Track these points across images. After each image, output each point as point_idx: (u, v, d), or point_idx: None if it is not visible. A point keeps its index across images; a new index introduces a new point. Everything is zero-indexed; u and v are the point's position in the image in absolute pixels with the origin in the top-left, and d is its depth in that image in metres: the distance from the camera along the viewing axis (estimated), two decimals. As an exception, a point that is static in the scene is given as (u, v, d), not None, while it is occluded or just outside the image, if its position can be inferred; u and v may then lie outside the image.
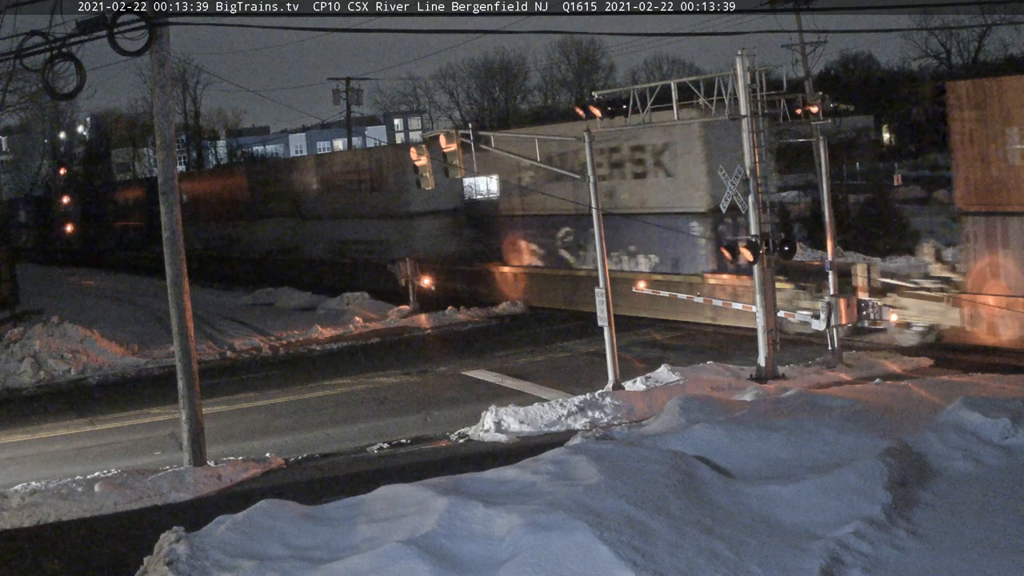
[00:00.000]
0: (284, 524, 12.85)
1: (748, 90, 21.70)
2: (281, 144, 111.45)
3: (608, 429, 18.23)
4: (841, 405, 16.41)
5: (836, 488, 12.56)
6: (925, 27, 69.85)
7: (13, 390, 28.23)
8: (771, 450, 14.24)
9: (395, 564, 11.08)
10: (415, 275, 35.91)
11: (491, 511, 12.08)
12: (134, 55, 16.90)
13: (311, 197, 49.44)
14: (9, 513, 16.54)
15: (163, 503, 16.89)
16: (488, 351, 28.52)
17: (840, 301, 22.41)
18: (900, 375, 21.77)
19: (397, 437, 20.26)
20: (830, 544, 11.23)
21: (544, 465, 13.87)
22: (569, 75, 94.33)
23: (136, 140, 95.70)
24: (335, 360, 29.40)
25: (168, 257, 18.08)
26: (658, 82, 23.82)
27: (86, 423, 23.74)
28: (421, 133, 51.45)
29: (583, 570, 10.76)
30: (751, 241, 21.62)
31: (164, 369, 28.29)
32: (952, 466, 13.55)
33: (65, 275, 62.62)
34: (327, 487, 16.60)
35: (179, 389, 18.24)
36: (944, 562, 10.95)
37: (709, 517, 12.00)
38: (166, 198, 18.04)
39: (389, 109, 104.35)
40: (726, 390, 20.63)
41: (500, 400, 21.41)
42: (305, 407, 23.72)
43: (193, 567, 11.97)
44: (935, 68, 79.46)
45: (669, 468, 13.14)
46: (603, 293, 21.75)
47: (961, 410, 14.92)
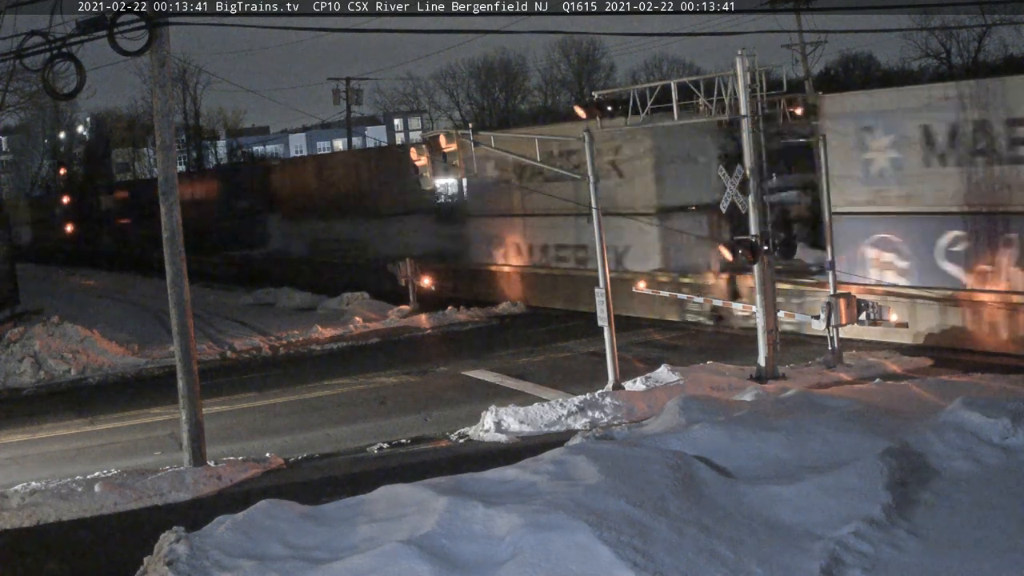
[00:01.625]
0: (284, 524, 12.85)
1: (748, 90, 21.71)
2: (281, 144, 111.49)
3: (608, 429, 18.22)
4: (841, 405, 16.41)
5: (836, 488, 12.56)
6: (925, 27, 69.84)
7: (13, 390, 28.24)
8: (771, 450, 14.24)
9: (395, 564, 11.08)
10: (415, 275, 35.93)
11: (491, 511, 12.09)
12: (134, 55, 16.90)
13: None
14: (9, 513, 16.54)
15: (163, 503, 16.88)
16: (488, 351, 28.53)
17: (840, 301, 22.42)
18: (900, 375, 21.77)
19: (397, 437, 20.26)
20: (830, 544, 11.22)
21: (544, 465, 13.87)
22: (569, 75, 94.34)
23: (136, 140, 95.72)
24: (335, 360, 29.40)
25: (168, 257, 18.08)
26: (658, 82, 23.82)
27: (86, 423, 23.74)
28: (421, 133, 51.38)
29: (583, 570, 10.76)
30: (751, 241, 21.63)
31: (164, 369, 28.29)
32: (952, 466, 13.55)
33: (65, 275, 62.64)
34: (327, 487, 16.60)
35: (179, 389, 18.24)
36: (944, 562, 10.95)
37: (709, 517, 12.01)
38: (166, 198, 18.04)
39: (389, 109, 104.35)
40: (726, 390, 20.64)
41: (500, 400, 21.42)
42: (305, 407, 23.72)
43: (193, 567, 11.98)
44: (935, 68, 79.45)
45: (669, 468, 13.14)
46: (603, 293, 21.76)
47: (961, 410, 14.91)
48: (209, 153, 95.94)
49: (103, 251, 72.21)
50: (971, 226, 23.84)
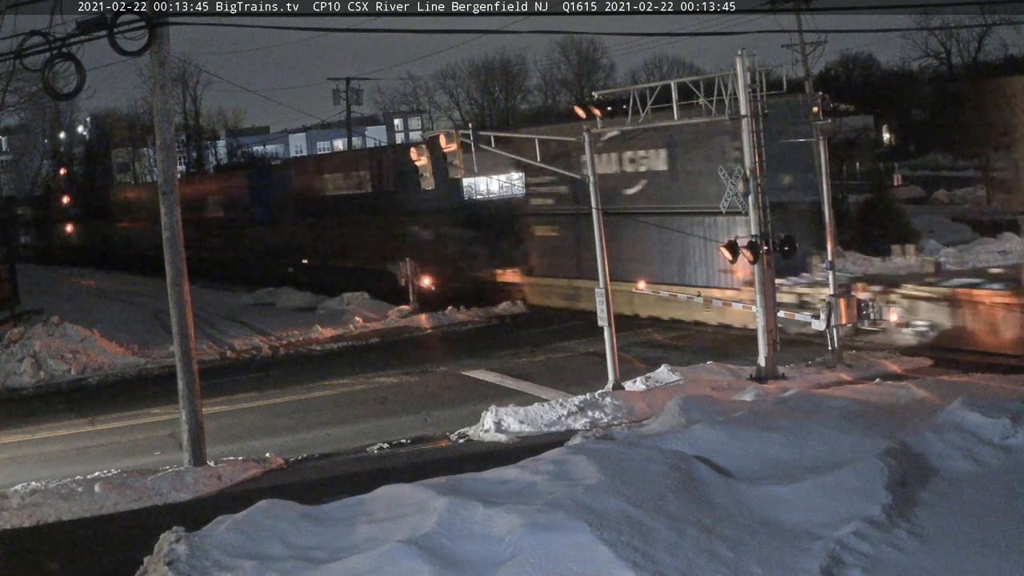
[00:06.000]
0: (284, 524, 12.85)
1: (748, 90, 21.71)
2: (281, 144, 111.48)
3: (608, 429, 18.22)
4: (841, 405, 16.40)
5: (836, 488, 12.55)
6: (925, 27, 69.88)
7: (13, 390, 28.25)
8: (771, 450, 14.24)
9: (395, 564, 11.07)
10: (415, 275, 35.93)
11: (491, 511, 12.08)
12: (134, 55, 16.91)
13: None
14: (9, 513, 16.54)
15: (163, 503, 16.88)
16: (488, 351, 28.53)
17: (840, 301, 22.41)
18: (900, 375, 21.77)
19: (397, 437, 20.26)
20: (830, 544, 11.22)
21: (544, 465, 13.87)
22: (569, 75, 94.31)
23: (136, 140, 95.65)
24: (335, 360, 29.40)
25: (168, 257, 18.07)
26: (658, 82, 23.82)
27: (86, 423, 23.74)
28: (421, 133, 51.28)
29: (583, 570, 10.76)
30: (751, 241, 21.63)
31: (164, 369, 28.30)
32: (952, 466, 13.54)
33: (65, 275, 62.64)
34: (327, 487, 16.59)
35: (179, 389, 18.24)
36: (944, 562, 10.94)
37: (709, 517, 12.00)
38: (166, 198, 18.04)
39: (389, 109, 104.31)
40: (726, 390, 20.63)
41: (500, 400, 21.41)
42: (305, 407, 23.72)
43: (193, 567, 11.97)
44: (935, 68, 79.46)
45: (669, 468, 13.14)
46: (603, 293, 21.75)
47: (961, 410, 14.91)
48: (209, 153, 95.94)
49: (108, 250, 72.08)
50: None
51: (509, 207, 37.57)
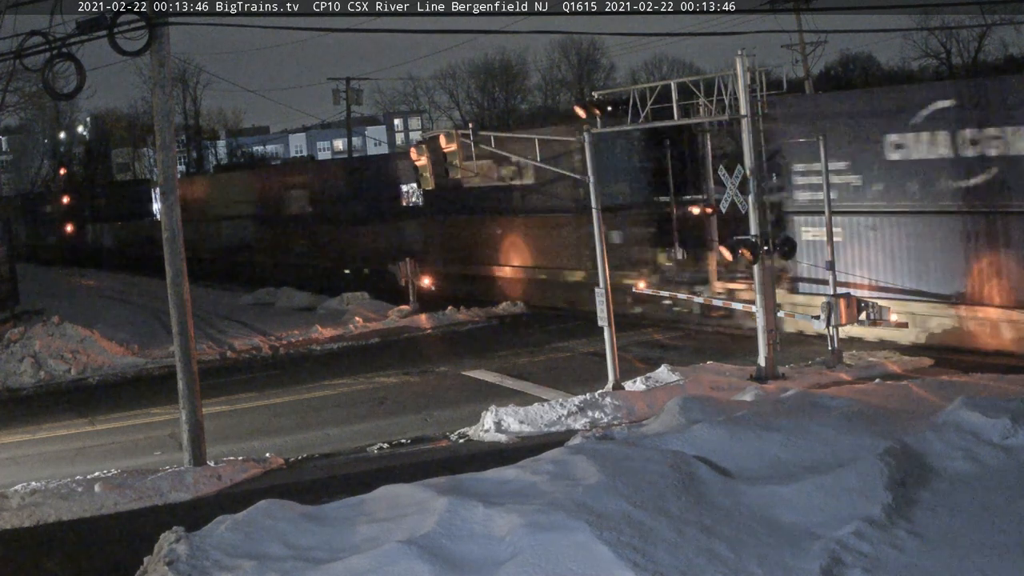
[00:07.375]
0: (284, 524, 12.85)
1: (748, 90, 21.71)
2: (281, 144, 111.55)
3: (608, 429, 18.21)
4: (841, 405, 16.40)
5: (836, 488, 12.55)
6: (925, 27, 69.86)
7: (13, 390, 28.23)
8: (771, 450, 14.23)
9: (395, 564, 11.08)
10: (415, 275, 35.91)
11: (491, 511, 12.09)
12: (134, 55, 16.93)
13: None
14: (9, 513, 16.55)
15: (163, 503, 16.89)
16: (488, 351, 28.52)
17: (840, 301, 22.41)
18: (900, 375, 21.76)
19: (397, 437, 20.26)
20: (830, 544, 11.22)
21: (544, 465, 13.87)
22: (569, 75, 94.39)
23: (136, 140, 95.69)
24: (335, 360, 29.40)
25: (168, 257, 18.07)
26: (658, 82, 23.81)
27: (86, 423, 23.75)
28: (421, 133, 51.27)
29: (583, 570, 10.76)
30: (751, 241, 21.63)
31: (164, 369, 28.27)
32: (952, 466, 13.54)
33: (65, 275, 62.61)
34: (327, 487, 16.59)
35: (179, 389, 18.24)
36: (944, 562, 10.95)
37: (709, 517, 12.00)
38: (166, 198, 18.04)
39: (389, 109, 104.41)
40: (726, 390, 20.62)
41: (500, 400, 21.41)
42: (305, 407, 23.72)
43: (193, 567, 11.98)
44: (935, 68, 79.44)
45: (669, 468, 13.14)
46: (603, 293, 21.75)
47: (961, 410, 14.90)
48: (209, 153, 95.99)
49: (107, 251, 72.00)
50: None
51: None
